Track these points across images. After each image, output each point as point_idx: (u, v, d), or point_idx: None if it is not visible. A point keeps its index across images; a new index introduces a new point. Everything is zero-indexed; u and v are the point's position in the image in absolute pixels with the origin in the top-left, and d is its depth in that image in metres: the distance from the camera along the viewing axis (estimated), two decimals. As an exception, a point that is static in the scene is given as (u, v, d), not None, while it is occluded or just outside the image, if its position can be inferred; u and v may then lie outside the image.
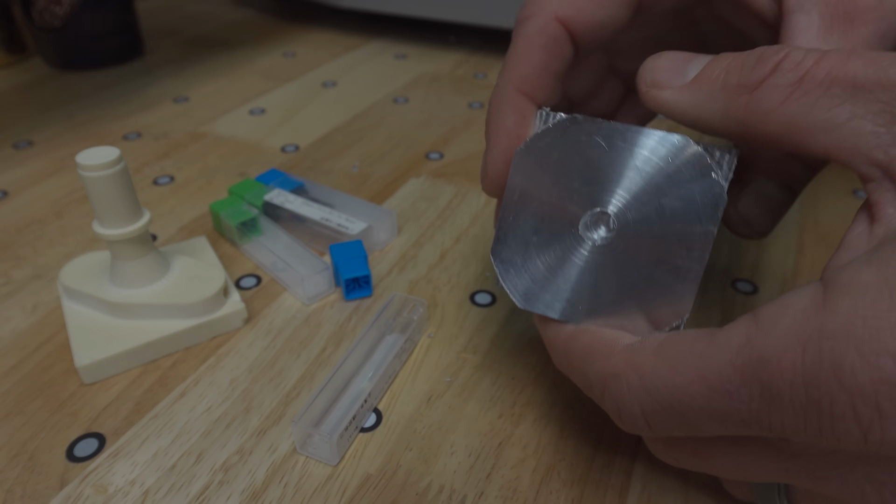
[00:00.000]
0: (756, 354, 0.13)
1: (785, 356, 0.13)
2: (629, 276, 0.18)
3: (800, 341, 0.13)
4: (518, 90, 0.21)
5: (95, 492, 0.21)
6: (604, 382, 0.17)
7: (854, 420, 0.12)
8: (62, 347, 0.27)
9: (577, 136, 0.19)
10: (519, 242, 0.20)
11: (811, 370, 0.12)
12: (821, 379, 0.12)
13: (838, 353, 0.12)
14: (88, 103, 0.50)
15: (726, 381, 0.14)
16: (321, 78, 0.55)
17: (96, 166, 0.24)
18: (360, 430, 0.23)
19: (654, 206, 0.18)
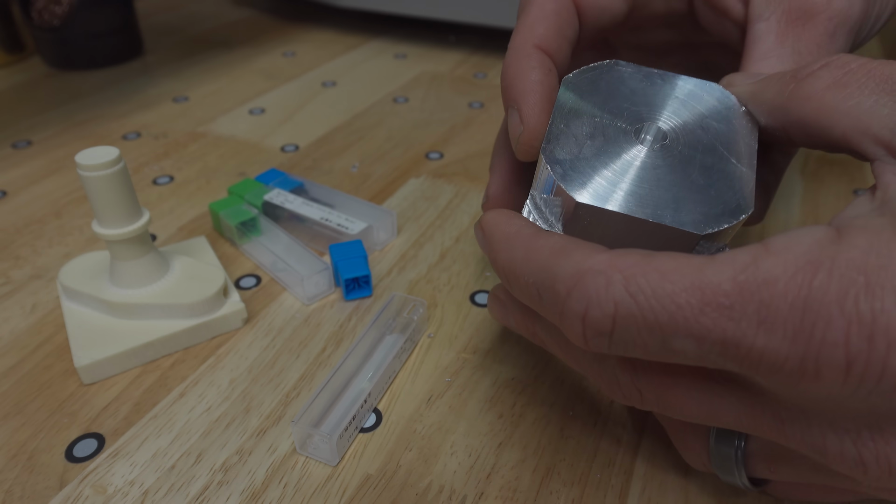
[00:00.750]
0: (761, 274, 0.13)
1: (792, 278, 0.13)
2: (688, 175, 0.19)
3: (811, 266, 0.13)
4: (537, 47, 0.22)
5: (95, 492, 0.21)
6: (577, 278, 0.15)
7: (844, 347, 0.12)
8: (61, 347, 0.27)
9: (621, 72, 0.21)
10: (571, 143, 0.20)
11: (816, 294, 0.13)
12: (823, 303, 0.13)
13: (847, 281, 0.12)
14: (88, 103, 0.50)
15: (722, 294, 0.13)
16: (321, 77, 0.54)
17: (95, 166, 0.24)
18: (360, 431, 0.23)
19: (700, 125, 0.20)
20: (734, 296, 0.13)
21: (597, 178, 0.19)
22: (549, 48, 0.22)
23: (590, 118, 0.21)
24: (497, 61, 0.58)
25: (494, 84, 0.53)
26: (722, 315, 0.13)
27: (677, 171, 0.19)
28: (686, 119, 0.20)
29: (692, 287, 0.14)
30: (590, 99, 0.21)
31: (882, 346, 0.12)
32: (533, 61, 0.21)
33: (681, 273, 0.14)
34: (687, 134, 0.20)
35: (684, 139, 0.20)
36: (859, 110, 0.16)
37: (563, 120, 0.21)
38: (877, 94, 0.16)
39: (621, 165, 0.20)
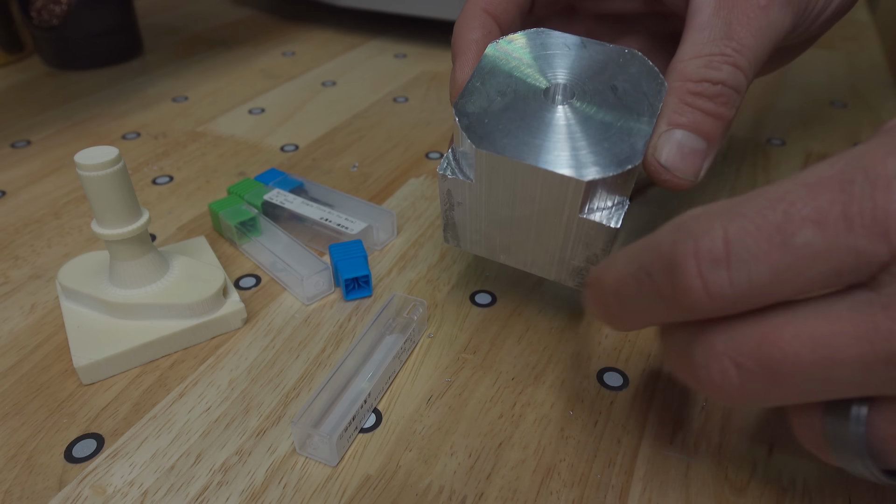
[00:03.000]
0: (857, 152, 0.14)
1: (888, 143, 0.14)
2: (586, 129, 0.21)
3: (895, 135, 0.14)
4: (483, 10, 0.25)
5: (94, 493, 0.21)
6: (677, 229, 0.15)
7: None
8: (60, 348, 0.27)
9: (544, 39, 0.23)
10: (482, 99, 0.22)
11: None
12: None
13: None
14: (87, 102, 0.50)
15: (826, 177, 0.14)
16: (321, 77, 0.54)
17: (95, 166, 0.24)
18: (360, 431, 0.23)
19: (609, 86, 0.22)
20: (838, 175, 0.14)
21: (498, 130, 0.21)
22: (495, 11, 0.25)
23: (505, 77, 0.23)
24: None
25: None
26: (833, 191, 0.13)
27: (576, 126, 0.21)
28: (597, 80, 0.22)
29: (795, 185, 0.14)
30: (510, 61, 0.23)
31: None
32: (475, 22, 0.24)
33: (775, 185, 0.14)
34: (595, 94, 0.22)
35: (591, 98, 0.22)
36: None
37: (480, 79, 0.23)
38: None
39: (525, 119, 0.21)
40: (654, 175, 0.22)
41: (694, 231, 0.15)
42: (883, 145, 0.13)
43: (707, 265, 0.14)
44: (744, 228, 0.14)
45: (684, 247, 0.15)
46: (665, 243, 0.15)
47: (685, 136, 0.22)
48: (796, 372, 0.14)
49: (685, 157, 0.22)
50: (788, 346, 0.14)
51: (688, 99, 0.22)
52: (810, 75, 0.55)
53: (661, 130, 0.22)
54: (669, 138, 0.22)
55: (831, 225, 0.13)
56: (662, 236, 0.16)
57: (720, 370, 0.15)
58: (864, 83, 0.53)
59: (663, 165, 0.22)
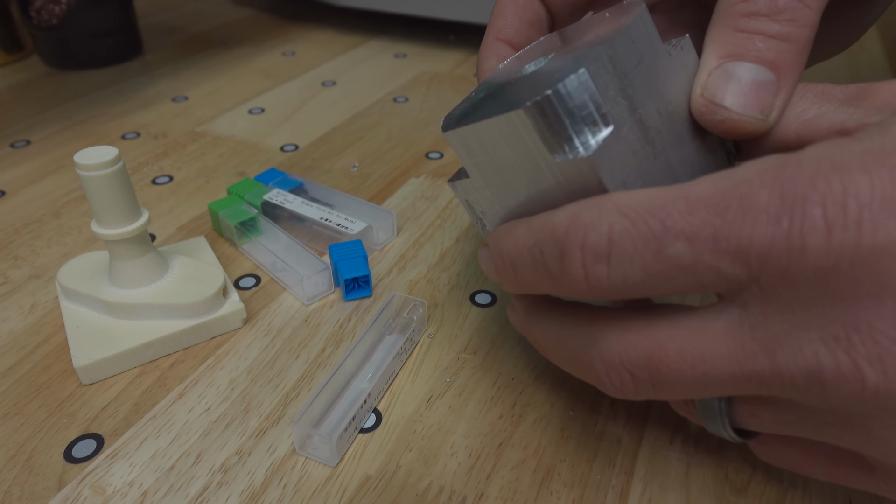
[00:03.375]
0: (738, 177, 0.15)
1: (766, 173, 0.14)
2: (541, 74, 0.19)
3: (780, 163, 0.15)
4: (496, 38, 0.25)
5: (94, 493, 0.21)
6: (573, 215, 0.16)
7: (822, 217, 0.13)
8: (60, 348, 0.27)
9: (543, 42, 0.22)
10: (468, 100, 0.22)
11: (789, 180, 0.14)
12: (797, 184, 0.14)
13: (814, 166, 0.14)
14: (86, 102, 0.50)
15: (706, 196, 0.15)
16: (321, 77, 0.54)
17: (94, 166, 0.24)
18: (360, 431, 0.23)
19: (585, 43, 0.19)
20: (717, 196, 0.15)
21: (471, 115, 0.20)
22: (508, 36, 0.25)
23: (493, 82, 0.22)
24: (497, 61, 0.58)
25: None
26: (709, 212, 0.15)
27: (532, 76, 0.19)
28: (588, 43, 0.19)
29: (678, 197, 0.15)
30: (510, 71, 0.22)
31: (854, 208, 0.13)
32: (490, 52, 0.25)
33: (664, 191, 0.16)
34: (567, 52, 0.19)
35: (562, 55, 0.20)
36: (806, 116, 0.18)
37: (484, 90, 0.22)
38: (818, 102, 0.18)
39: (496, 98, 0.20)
40: (708, 119, 0.19)
41: (585, 223, 0.16)
42: (761, 175, 0.15)
43: (590, 258, 0.16)
44: (626, 231, 0.15)
45: (574, 237, 0.16)
46: (560, 227, 0.17)
47: (742, 67, 0.18)
48: (680, 383, 0.17)
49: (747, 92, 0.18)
50: (673, 363, 0.16)
51: (741, 24, 0.18)
52: (810, 75, 0.55)
53: (709, 67, 0.18)
54: (725, 73, 0.18)
55: (700, 243, 0.15)
56: (559, 219, 0.17)
57: (619, 378, 0.18)
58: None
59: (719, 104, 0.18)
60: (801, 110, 0.18)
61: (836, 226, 0.13)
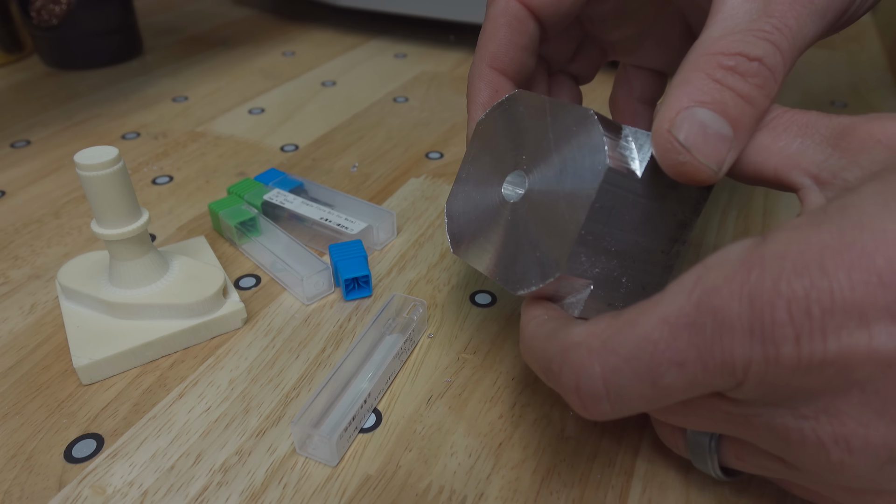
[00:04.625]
0: (707, 286, 0.15)
1: (733, 281, 0.15)
2: (527, 231, 0.20)
3: (745, 267, 0.15)
4: (489, 66, 0.24)
5: (94, 493, 0.21)
6: (564, 354, 0.17)
7: (790, 324, 0.14)
8: (60, 348, 0.27)
9: (517, 107, 0.22)
10: (465, 197, 0.23)
11: (755, 287, 0.14)
12: (763, 292, 0.14)
13: (777, 269, 0.14)
14: (86, 102, 0.50)
15: (684, 315, 0.15)
16: (321, 77, 0.54)
17: (94, 166, 0.24)
18: (360, 431, 0.23)
19: (557, 171, 0.20)
20: (693, 313, 0.15)
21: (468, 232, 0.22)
22: (502, 64, 0.24)
23: (482, 165, 0.22)
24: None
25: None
26: (690, 334, 0.15)
27: (522, 227, 0.21)
28: (548, 166, 0.20)
29: (658, 322, 0.15)
30: (489, 143, 0.22)
31: (818, 315, 0.14)
32: (482, 83, 0.24)
33: (644, 314, 0.16)
34: (543, 184, 0.20)
35: (538, 191, 0.20)
36: (788, 151, 0.18)
37: (465, 170, 0.23)
38: (801, 138, 0.18)
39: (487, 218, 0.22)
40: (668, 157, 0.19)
41: (575, 365, 0.17)
42: (729, 283, 0.15)
43: (588, 400, 0.17)
44: (618, 371, 0.16)
45: (569, 382, 0.17)
46: (554, 364, 0.17)
47: (709, 116, 0.19)
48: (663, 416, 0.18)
49: (708, 139, 0.19)
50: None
51: (717, 74, 0.19)
52: (810, 75, 0.55)
53: (680, 106, 0.19)
54: (691, 116, 0.19)
55: (690, 366, 0.15)
56: (553, 352, 0.18)
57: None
58: (864, 83, 0.53)
59: (682, 144, 0.19)
60: (783, 144, 0.19)
61: (804, 332, 0.14)
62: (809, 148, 0.18)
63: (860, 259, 0.13)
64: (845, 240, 0.14)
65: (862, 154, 0.17)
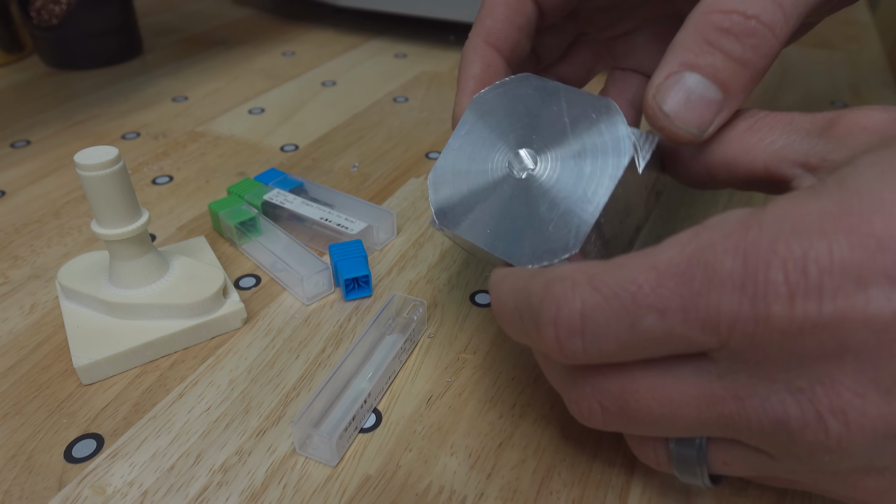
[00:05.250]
0: (703, 242, 0.15)
1: (729, 238, 0.15)
2: (537, 208, 0.20)
3: (743, 226, 0.15)
4: (485, 41, 0.24)
5: (94, 493, 0.21)
6: (548, 286, 0.17)
7: (785, 283, 0.14)
8: (60, 348, 0.27)
9: (526, 89, 0.22)
10: (455, 170, 0.22)
11: (751, 245, 0.14)
12: (759, 250, 0.14)
13: (775, 230, 0.14)
14: (86, 102, 0.50)
15: (673, 266, 0.15)
16: (321, 77, 0.54)
17: (94, 166, 0.24)
18: (360, 431, 0.23)
19: (574, 156, 0.21)
20: (684, 264, 0.15)
21: (461, 206, 0.22)
22: (497, 41, 0.24)
23: (479, 139, 0.22)
24: (497, 61, 0.58)
25: (494, 84, 0.53)
26: (677, 283, 0.15)
27: (529, 204, 0.21)
28: (563, 147, 0.21)
29: (647, 267, 0.15)
30: (487, 119, 0.22)
31: (815, 274, 0.14)
32: (475, 56, 0.24)
33: (635, 260, 0.16)
34: (555, 164, 0.21)
35: (550, 170, 0.21)
36: (774, 147, 0.19)
37: (459, 139, 0.23)
38: (786, 133, 0.19)
39: (484, 191, 0.22)
40: (651, 119, 0.20)
41: (557, 296, 0.16)
42: (724, 239, 0.15)
43: (564, 332, 0.16)
44: (598, 306, 0.16)
45: (548, 312, 0.17)
46: (535, 297, 0.17)
47: (698, 81, 0.19)
48: (648, 419, 0.17)
49: (692, 105, 0.19)
50: (643, 398, 0.17)
51: (711, 36, 0.18)
52: (810, 75, 0.55)
53: (670, 69, 0.19)
54: (678, 82, 0.19)
55: (670, 315, 0.15)
56: (535, 287, 0.17)
57: (588, 407, 0.18)
58: (864, 83, 0.53)
59: (664, 112, 0.19)
60: (769, 141, 0.19)
61: (798, 292, 0.14)
62: (795, 141, 0.18)
63: (859, 223, 0.14)
64: (844, 206, 0.14)
65: (848, 139, 0.17)
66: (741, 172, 0.20)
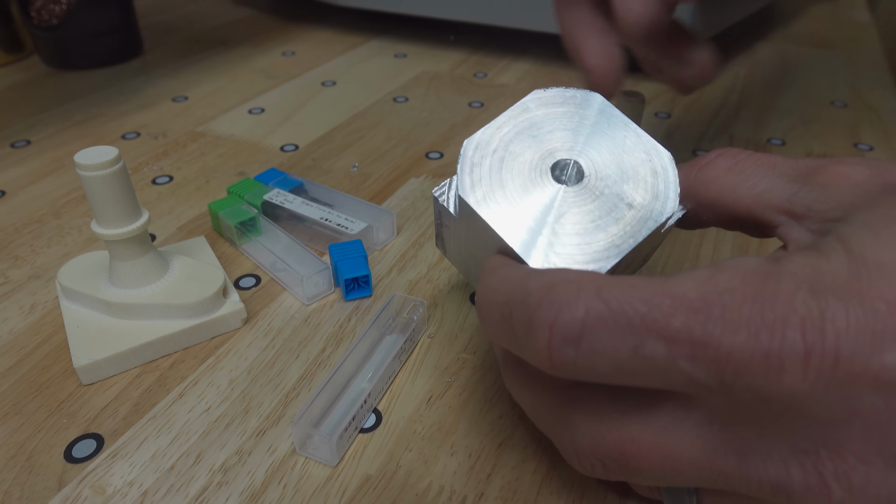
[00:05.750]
0: (722, 285, 0.15)
1: (748, 285, 0.15)
2: (579, 222, 0.20)
3: (761, 276, 0.15)
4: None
5: (94, 493, 0.21)
6: (551, 287, 0.16)
7: (801, 339, 0.14)
8: (60, 348, 0.27)
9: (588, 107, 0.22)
10: (491, 148, 0.21)
11: (769, 296, 0.14)
12: (777, 303, 0.14)
13: (794, 286, 0.14)
14: (86, 102, 0.50)
15: (689, 299, 0.15)
16: (321, 77, 0.54)
17: (94, 166, 0.24)
18: (360, 431, 0.23)
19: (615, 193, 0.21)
20: (699, 301, 0.15)
21: (490, 188, 0.21)
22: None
23: (528, 131, 0.22)
24: (497, 60, 0.58)
25: (495, 83, 0.53)
26: (690, 317, 0.14)
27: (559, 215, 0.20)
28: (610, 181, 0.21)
29: (661, 293, 0.15)
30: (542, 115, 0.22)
31: (832, 335, 0.13)
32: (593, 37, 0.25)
33: (650, 283, 0.15)
34: (599, 193, 0.21)
35: (592, 195, 0.20)
36: (757, 190, 0.19)
37: (507, 123, 0.22)
38: (768, 177, 0.19)
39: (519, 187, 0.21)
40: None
41: (560, 300, 0.15)
42: (743, 286, 0.15)
43: (559, 340, 0.15)
44: (602, 319, 0.15)
45: (546, 314, 0.16)
46: (533, 296, 0.16)
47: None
48: (649, 474, 0.17)
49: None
50: (644, 458, 0.17)
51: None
52: (810, 75, 0.55)
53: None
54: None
55: (678, 347, 0.14)
56: (535, 286, 0.16)
57: (590, 464, 0.18)
58: (864, 83, 0.53)
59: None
60: (751, 184, 0.19)
61: (815, 351, 0.13)
62: (778, 186, 0.19)
63: (868, 288, 0.14)
64: (852, 270, 0.14)
65: (832, 189, 0.17)
66: (724, 213, 0.20)
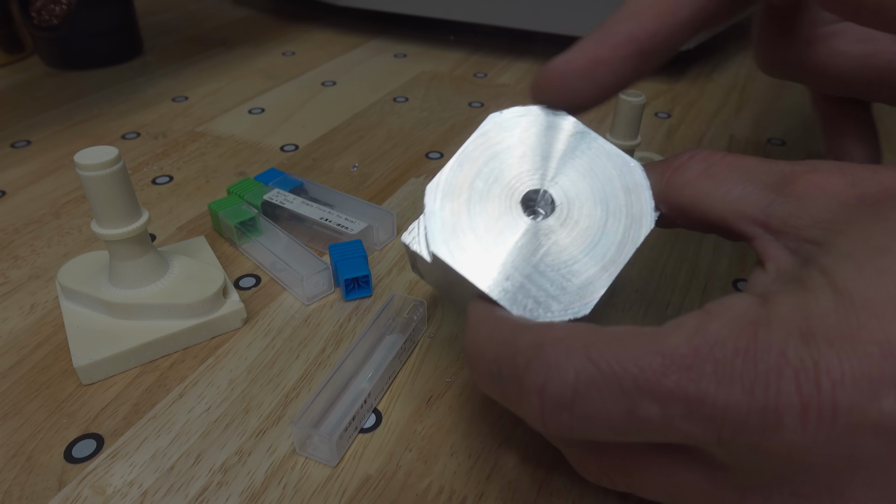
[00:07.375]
0: (711, 336, 0.14)
1: (739, 337, 0.14)
2: (543, 259, 0.19)
3: (751, 325, 0.14)
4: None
5: (94, 493, 0.21)
6: (538, 347, 0.15)
7: (797, 393, 0.13)
8: (60, 348, 0.27)
9: (559, 128, 0.21)
10: (457, 186, 0.20)
11: (762, 348, 0.14)
12: (769, 354, 0.14)
13: (785, 334, 0.14)
14: (86, 102, 0.50)
15: (679, 356, 0.14)
16: (321, 77, 0.54)
17: (94, 166, 0.24)
18: (360, 431, 0.23)
19: (601, 210, 0.20)
20: (690, 357, 0.14)
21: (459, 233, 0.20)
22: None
23: (495, 163, 0.20)
24: (497, 60, 0.58)
25: (495, 83, 0.53)
26: (683, 376, 0.14)
27: (540, 248, 0.19)
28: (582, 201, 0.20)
29: (653, 351, 0.14)
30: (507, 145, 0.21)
31: (828, 387, 0.13)
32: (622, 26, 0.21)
33: (639, 339, 0.15)
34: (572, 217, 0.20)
35: (566, 221, 0.20)
36: (730, 197, 0.18)
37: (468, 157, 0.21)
38: (742, 184, 0.18)
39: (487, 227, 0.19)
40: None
41: (549, 363, 0.15)
42: (735, 338, 0.14)
43: (551, 405, 0.15)
44: (594, 382, 0.15)
45: (536, 378, 0.15)
46: (522, 357, 0.16)
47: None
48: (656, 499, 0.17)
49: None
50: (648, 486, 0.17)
51: None
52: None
53: None
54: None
55: (672, 407, 0.14)
56: (523, 345, 0.16)
57: (598, 481, 0.18)
58: (865, 83, 0.53)
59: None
60: (724, 190, 0.18)
61: (812, 405, 0.13)
62: (752, 194, 0.18)
63: (858, 331, 0.13)
64: (840, 312, 0.14)
65: (807, 201, 0.17)
66: (698, 218, 0.19)
